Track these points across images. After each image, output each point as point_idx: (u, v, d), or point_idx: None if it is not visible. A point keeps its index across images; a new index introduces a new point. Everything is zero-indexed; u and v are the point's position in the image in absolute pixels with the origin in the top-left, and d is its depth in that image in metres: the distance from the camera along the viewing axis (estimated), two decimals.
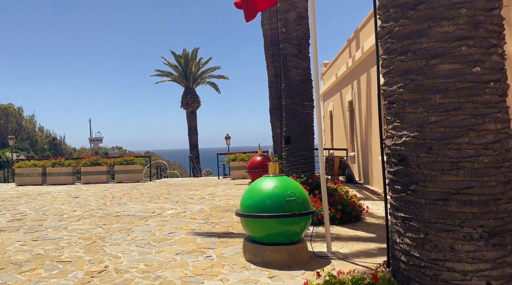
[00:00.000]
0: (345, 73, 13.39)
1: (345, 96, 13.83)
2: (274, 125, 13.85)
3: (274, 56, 13.66)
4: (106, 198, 9.25)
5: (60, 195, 10.13)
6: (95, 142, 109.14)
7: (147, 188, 11.70)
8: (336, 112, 15.63)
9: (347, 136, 13.63)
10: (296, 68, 6.57)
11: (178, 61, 27.00)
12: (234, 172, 13.77)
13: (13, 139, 24.15)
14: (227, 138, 27.11)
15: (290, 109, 6.64)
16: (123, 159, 13.92)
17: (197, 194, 9.73)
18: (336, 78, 14.77)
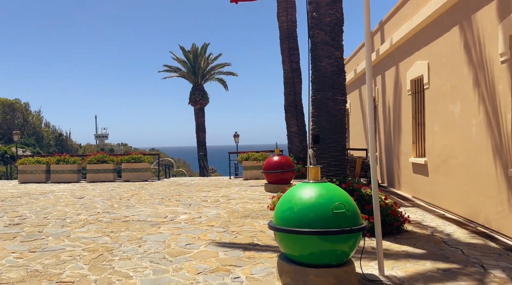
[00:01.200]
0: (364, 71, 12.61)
1: (365, 92, 13.06)
2: (290, 123, 13.14)
3: (290, 50, 12.95)
4: (113, 200, 8.58)
5: (64, 195, 9.48)
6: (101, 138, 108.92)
7: (156, 188, 11.03)
8: (354, 109, 14.86)
9: (368, 136, 12.86)
10: (328, 57, 5.83)
11: (187, 57, 26.32)
12: (247, 172, 13.07)
13: (18, 134, 23.62)
14: (235, 136, 26.42)
15: (320, 104, 5.91)
16: (131, 156, 13.27)
17: (210, 196, 9.04)
18: (355, 74, 13.99)
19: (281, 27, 13.06)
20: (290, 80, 13.00)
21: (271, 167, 9.67)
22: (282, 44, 13.11)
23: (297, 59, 13.09)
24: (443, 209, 7.02)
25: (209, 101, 26.48)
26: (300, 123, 13.03)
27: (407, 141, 9.02)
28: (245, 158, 13.08)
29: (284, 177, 9.61)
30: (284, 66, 13.12)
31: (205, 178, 14.21)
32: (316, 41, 5.95)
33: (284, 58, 13.09)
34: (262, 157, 12.94)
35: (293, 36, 13.01)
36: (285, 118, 13.28)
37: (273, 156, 9.93)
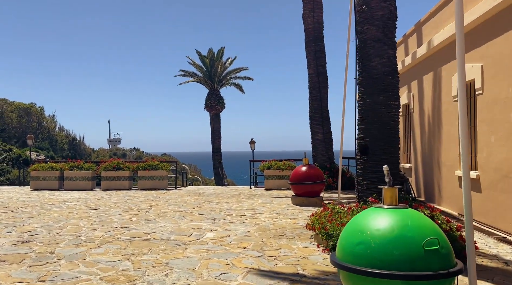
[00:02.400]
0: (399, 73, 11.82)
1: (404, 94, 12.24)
2: (314, 130, 12.39)
3: (316, 53, 12.25)
4: (131, 211, 7.93)
5: (77, 205, 8.88)
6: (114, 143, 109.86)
7: (174, 198, 10.37)
8: None
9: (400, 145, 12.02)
10: (380, 56, 5.12)
11: (203, 61, 25.82)
12: (269, 182, 12.33)
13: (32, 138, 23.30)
14: (251, 143, 25.73)
15: (370, 110, 5.18)
16: (147, 164, 12.67)
17: (234, 209, 8.33)
18: None
19: (307, 29, 12.38)
20: (315, 85, 12.27)
21: (299, 178, 8.92)
22: (308, 47, 12.41)
23: (323, 62, 12.37)
24: (503, 231, 6.17)
25: (225, 107, 25.90)
26: (326, 130, 12.27)
27: (451, 152, 8.19)
28: (267, 167, 12.36)
29: (313, 190, 8.86)
30: (310, 70, 12.41)
31: (224, 188, 13.52)
32: (366, 38, 5.24)
33: (310, 61, 12.38)
34: (285, 166, 12.21)
35: (319, 39, 12.31)
36: (310, 125, 12.53)
37: (301, 166, 9.19)
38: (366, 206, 5.07)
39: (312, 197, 8.85)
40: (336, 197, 9.90)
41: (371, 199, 5.01)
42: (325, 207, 6.00)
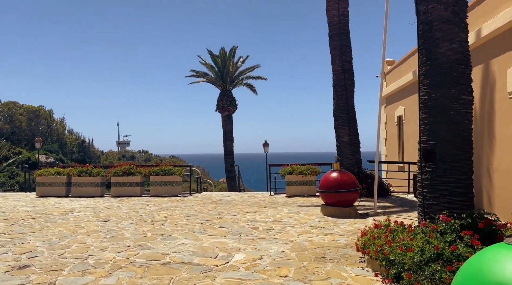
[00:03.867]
0: None
1: None
2: (340, 132, 11.41)
3: (342, 47, 11.29)
4: (145, 224, 7.06)
5: (85, 216, 8.04)
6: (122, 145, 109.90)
7: (190, 206, 9.49)
8: (412, 117, 13.01)
9: None
10: (450, 41, 4.18)
11: (215, 61, 24.99)
12: (291, 188, 11.39)
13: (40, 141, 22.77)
14: (265, 146, 24.84)
15: (437, 106, 4.23)
16: (160, 168, 11.82)
17: (258, 221, 7.42)
18: (414, 76, 12.19)
19: (331, 22, 11.43)
20: (341, 82, 11.31)
21: (330, 185, 7.97)
22: (332, 41, 11.46)
23: (349, 58, 11.41)
24: None
25: (237, 108, 25.04)
26: (353, 132, 11.29)
27: (508, 155, 7.18)
28: (288, 172, 11.42)
29: (347, 199, 7.91)
30: (334, 66, 11.45)
31: (242, 194, 12.62)
32: (431, 19, 4.29)
33: (334, 57, 11.42)
34: (308, 171, 11.26)
35: (345, 32, 11.36)
36: (335, 126, 11.57)
37: (332, 172, 8.24)
38: (436, 225, 4.13)
39: (345, 207, 7.91)
40: (370, 207, 8.94)
41: (443, 217, 4.06)
42: (377, 224, 5.06)
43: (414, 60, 12.74)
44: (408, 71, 13.32)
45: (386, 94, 15.95)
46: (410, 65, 13.09)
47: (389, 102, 15.73)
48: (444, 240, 3.97)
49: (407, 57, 13.58)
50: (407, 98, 13.43)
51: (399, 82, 14.15)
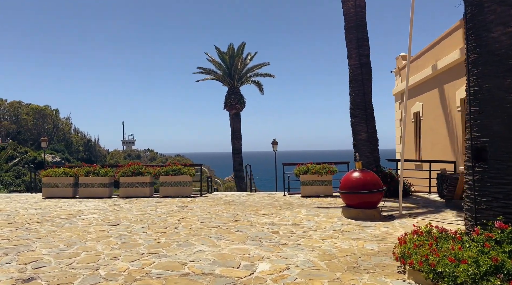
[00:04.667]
0: (454, 63, 10.30)
1: (452, 92, 10.72)
2: (357, 129, 10.92)
3: (359, 41, 10.79)
4: (157, 228, 6.64)
5: (94, 219, 7.64)
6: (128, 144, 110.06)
7: (203, 208, 9.07)
8: (430, 114, 12.49)
9: (456, 145, 10.49)
10: (505, 24, 3.70)
11: (223, 58, 24.54)
12: (306, 188, 10.93)
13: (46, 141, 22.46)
14: (273, 144, 24.40)
15: (489, 98, 3.76)
16: (170, 168, 11.40)
17: (277, 224, 6.98)
18: (434, 70, 11.67)
19: (347, 14, 10.92)
20: (358, 77, 10.81)
21: (352, 186, 7.50)
22: (349, 34, 10.96)
23: (366, 51, 10.90)
24: None
25: (245, 106, 24.59)
26: (371, 129, 10.79)
27: None
28: (303, 171, 10.96)
29: (370, 200, 7.43)
30: (351, 61, 10.95)
31: (254, 194, 12.17)
32: (482, 0, 3.80)
33: (351, 51, 10.92)
34: (324, 170, 10.79)
35: (362, 25, 10.85)
36: (351, 123, 11.07)
37: (353, 171, 7.76)
38: (491, 233, 3.65)
39: (368, 208, 7.43)
40: (392, 208, 8.46)
41: (499, 224, 3.58)
42: (416, 230, 4.59)
43: (432, 54, 12.21)
44: (426, 66, 12.80)
45: (401, 90, 15.42)
46: (428, 59, 12.57)
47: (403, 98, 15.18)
48: (502, 250, 3.50)
49: (424, 51, 13.06)
50: (425, 93, 12.91)
51: (415, 77, 13.64)
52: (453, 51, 10.35)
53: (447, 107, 11.03)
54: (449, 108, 10.88)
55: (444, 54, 10.96)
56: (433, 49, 12.08)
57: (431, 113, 12.37)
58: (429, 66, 12.49)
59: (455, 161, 10.50)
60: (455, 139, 10.58)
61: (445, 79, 11.06)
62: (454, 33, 10.37)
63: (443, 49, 11.09)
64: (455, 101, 10.49)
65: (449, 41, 10.76)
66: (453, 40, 10.43)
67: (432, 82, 12.15)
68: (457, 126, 10.41)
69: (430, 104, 12.48)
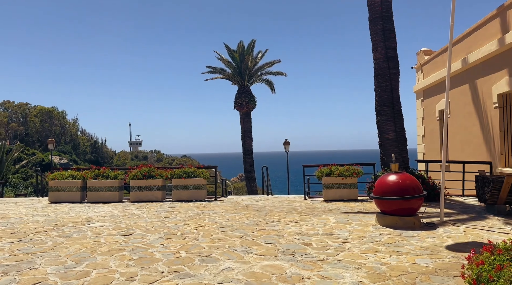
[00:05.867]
0: (491, 55, 9.50)
1: (487, 87, 9.92)
2: (384, 128, 10.18)
3: (385, 32, 10.05)
4: (175, 238, 5.96)
5: (104, 228, 6.98)
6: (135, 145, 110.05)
7: (220, 214, 8.38)
8: (459, 111, 11.69)
9: (493, 145, 9.69)
10: None
11: (233, 56, 23.87)
12: (329, 191, 10.20)
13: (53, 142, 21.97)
14: (285, 144, 23.66)
15: None
16: (183, 170, 10.74)
17: (306, 233, 6.27)
18: (465, 64, 10.87)
19: (372, 5, 10.19)
20: (385, 72, 10.07)
21: (389, 191, 6.75)
22: (374, 26, 10.22)
23: (393, 44, 10.16)
24: None
25: (256, 105, 23.89)
26: (399, 127, 10.04)
27: None
28: (326, 173, 10.23)
29: (410, 206, 6.69)
30: (376, 54, 10.21)
31: (272, 198, 11.46)
32: None
33: (376, 43, 10.18)
34: (349, 173, 10.06)
35: (388, 15, 10.11)
36: (377, 122, 10.33)
37: (389, 174, 7.01)
38: None
39: (407, 216, 6.69)
40: (429, 214, 7.71)
41: None
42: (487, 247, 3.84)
43: (461, 47, 11.42)
44: (453, 60, 11.99)
45: (423, 86, 14.63)
46: (457, 52, 11.77)
47: (428, 95, 14.39)
48: None
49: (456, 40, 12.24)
50: (453, 89, 12.10)
51: (441, 72, 12.84)
52: (489, 43, 9.55)
53: (481, 104, 10.23)
54: (484, 104, 10.08)
55: (477, 46, 10.17)
56: (463, 42, 11.28)
57: (460, 111, 11.57)
58: (456, 60, 11.70)
59: (491, 162, 9.70)
60: (490, 138, 9.78)
61: (478, 73, 10.26)
62: (490, 22, 9.58)
63: (476, 41, 10.29)
64: (490, 97, 9.69)
65: (483, 31, 9.97)
66: (489, 30, 9.64)
67: (462, 77, 11.35)
68: (493, 124, 9.62)
69: (458, 101, 11.68)
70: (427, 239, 5.83)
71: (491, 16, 9.54)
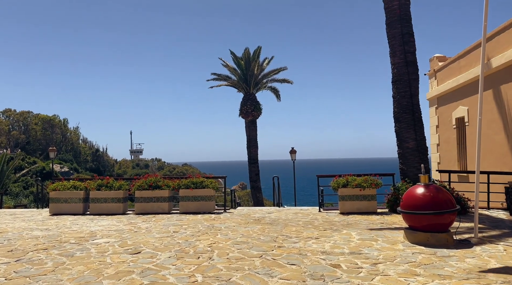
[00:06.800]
0: None
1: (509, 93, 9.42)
2: (403, 136, 9.66)
3: (404, 36, 9.58)
4: (188, 258, 5.40)
5: (109, 244, 6.42)
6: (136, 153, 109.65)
7: (233, 228, 7.83)
8: None
9: None
10: None
11: (238, 63, 23.47)
12: (346, 203, 9.64)
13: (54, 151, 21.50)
14: (292, 153, 23.14)
15: None
16: (191, 181, 10.21)
17: (331, 252, 5.71)
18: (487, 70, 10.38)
19: (389, 7, 9.75)
20: (404, 77, 9.58)
21: (419, 205, 6.21)
22: (391, 29, 9.77)
23: (413, 48, 9.70)
24: None
25: (261, 113, 23.41)
26: (420, 136, 9.53)
27: None
28: (342, 184, 9.68)
29: (443, 222, 6.14)
30: (395, 59, 9.74)
31: (284, 210, 10.89)
32: None
33: (395, 47, 9.71)
34: (367, 184, 9.51)
35: (406, 18, 9.66)
36: (396, 129, 9.82)
37: (418, 186, 6.48)
38: None
39: (439, 232, 6.14)
40: (459, 230, 7.14)
41: None
42: None
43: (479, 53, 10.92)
44: (473, 65, 11.52)
45: (438, 93, 14.13)
46: (475, 58, 11.29)
47: (443, 102, 13.89)
48: None
49: (469, 49, 11.79)
50: (472, 96, 11.60)
51: (458, 79, 12.35)
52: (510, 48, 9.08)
53: (505, 111, 9.72)
54: (508, 111, 9.56)
55: (501, 50, 9.69)
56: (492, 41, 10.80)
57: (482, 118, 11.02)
58: (476, 65, 11.22)
59: None
60: None
61: (502, 78, 9.77)
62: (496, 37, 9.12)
63: (500, 45, 9.82)
64: None
65: (508, 35, 9.50)
66: None
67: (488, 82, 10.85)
68: None
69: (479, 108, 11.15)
70: (466, 259, 5.27)
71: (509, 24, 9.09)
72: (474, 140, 11.63)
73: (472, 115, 11.67)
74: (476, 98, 11.44)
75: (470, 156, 11.83)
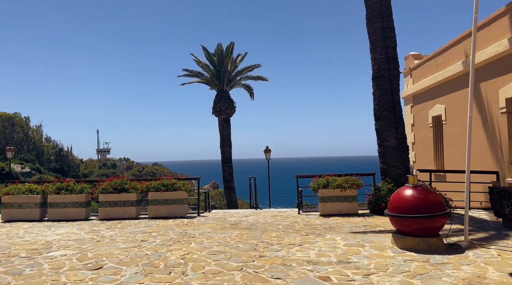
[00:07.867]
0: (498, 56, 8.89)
1: (493, 91, 9.30)
2: (384, 134, 9.34)
3: (385, 31, 9.26)
4: (157, 273, 4.72)
5: (66, 258, 5.62)
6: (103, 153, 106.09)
7: (208, 235, 7.19)
8: (458, 117, 11.05)
9: (500, 153, 9.03)
10: None
11: (211, 59, 22.71)
12: (326, 205, 9.21)
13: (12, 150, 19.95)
14: (266, 152, 22.65)
15: None
16: (161, 182, 9.45)
17: (317, 261, 5.21)
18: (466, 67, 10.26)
19: (370, 0, 9.38)
20: (385, 73, 9.26)
21: (408, 207, 5.81)
22: (372, 24, 9.42)
23: (393, 44, 9.39)
24: None
25: (235, 111, 22.78)
26: (401, 134, 9.24)
27: None
28: (323, 185, 9.24)
29: (433, 226, 5.77)
30: (375, 54, 9.40)
31: (262, 213, 10.33)
32: None
33: (375, 43, 9.37)
34: (348, 184, 9.12)
35: (387, 13, 9.34)
36: (376, 128, 9.49)
37: (406, 188, 6.08)
38: None
39: (429, 236, 5.77)
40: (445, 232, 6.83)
41: None
42: None
43: (460, 49, 10.82)
44: (450, 63, 11.41)
45: (413, 92, 14.03)
46: (453, 55, 11.18)
47: (419, 101, 13.79)
48: None
49: (447, 47, 11.67)
50: (450, 94, 11.50)
51: (435, 77, 12.24)
52: (496, 42, 8.94)
53: (485, 109, 9.60)
54: (488, 109, 9.45)
55: (480, 47, 9.56)
56: (462, 43, 10.69)
57: (458, 116, 10.94)
58: (454, 63, 11.11)
59: (498, 171, 9.04)
60: (497, 146, 9.14)
61: (482, 76, 9.64)
62: (497, 21, 8.99)
63: (479, 42, 9.69)
64: (497, 102, 9.07)
65: (487, 32, 9.37)
66: (495, 30, 9.04)
67: (461, 80, 10.74)
68: (500, 131, 8.97)
69: (456, 106, 11.06)
70: (462, 266, 4.90)
71: (498, 15, 8.95)
72: (451, 139, 11.54)
73: (449, 113, 11.57)
74: (453, 96, 11.35)
75: (447, 155, 11.73)
